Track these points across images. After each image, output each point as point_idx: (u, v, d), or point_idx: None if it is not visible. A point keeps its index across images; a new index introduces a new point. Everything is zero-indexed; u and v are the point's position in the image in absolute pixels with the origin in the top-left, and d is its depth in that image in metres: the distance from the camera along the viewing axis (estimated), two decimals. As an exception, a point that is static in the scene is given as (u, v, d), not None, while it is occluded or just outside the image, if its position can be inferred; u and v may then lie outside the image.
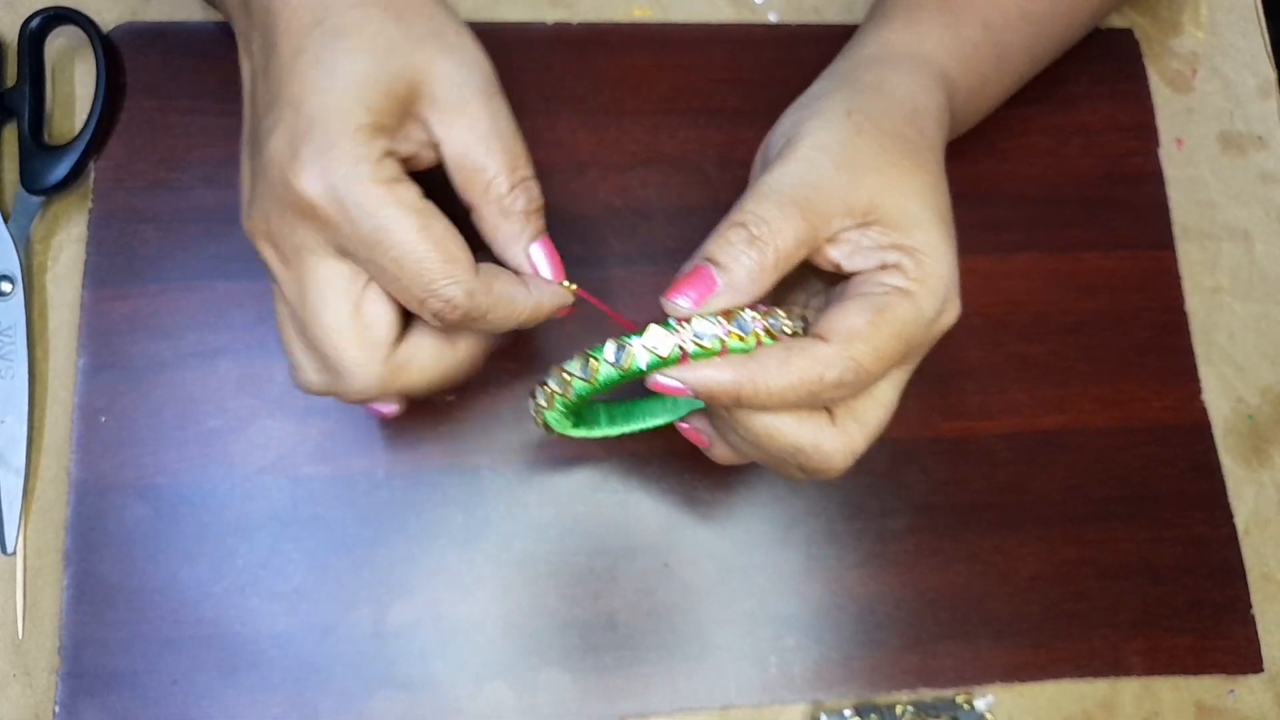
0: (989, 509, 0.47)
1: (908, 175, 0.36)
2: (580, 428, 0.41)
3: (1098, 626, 0.46)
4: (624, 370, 0.33)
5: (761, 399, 0.33)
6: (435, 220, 0.34)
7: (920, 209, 0.35)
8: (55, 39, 0.48)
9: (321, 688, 0.42)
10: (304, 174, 0.33)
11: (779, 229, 0.33)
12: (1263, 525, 0.49)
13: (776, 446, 0.35)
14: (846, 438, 0.35)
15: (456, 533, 0.44)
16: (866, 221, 0.35)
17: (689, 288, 0.33)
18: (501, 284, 0.35)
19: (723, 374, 0.33)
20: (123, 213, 0.46)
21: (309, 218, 0.33)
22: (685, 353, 0.33)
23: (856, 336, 0.33)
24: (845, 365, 0.33)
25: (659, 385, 0.34)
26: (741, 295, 0.33)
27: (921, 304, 0.34)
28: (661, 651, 0.44)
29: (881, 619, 0.45)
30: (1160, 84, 0.54)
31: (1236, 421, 0.50)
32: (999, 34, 0.43)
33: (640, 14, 0.52)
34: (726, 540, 0.45)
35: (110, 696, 0.41)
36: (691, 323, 0.33)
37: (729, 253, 0.33)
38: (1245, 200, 0.53)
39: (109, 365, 0.44)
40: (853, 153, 0.35)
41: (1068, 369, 0.49)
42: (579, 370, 0.34)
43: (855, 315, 0.33)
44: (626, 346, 0.33)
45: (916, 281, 0.34)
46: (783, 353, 0.33)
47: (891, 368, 0.35)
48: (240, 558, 0.43)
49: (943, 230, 0.35)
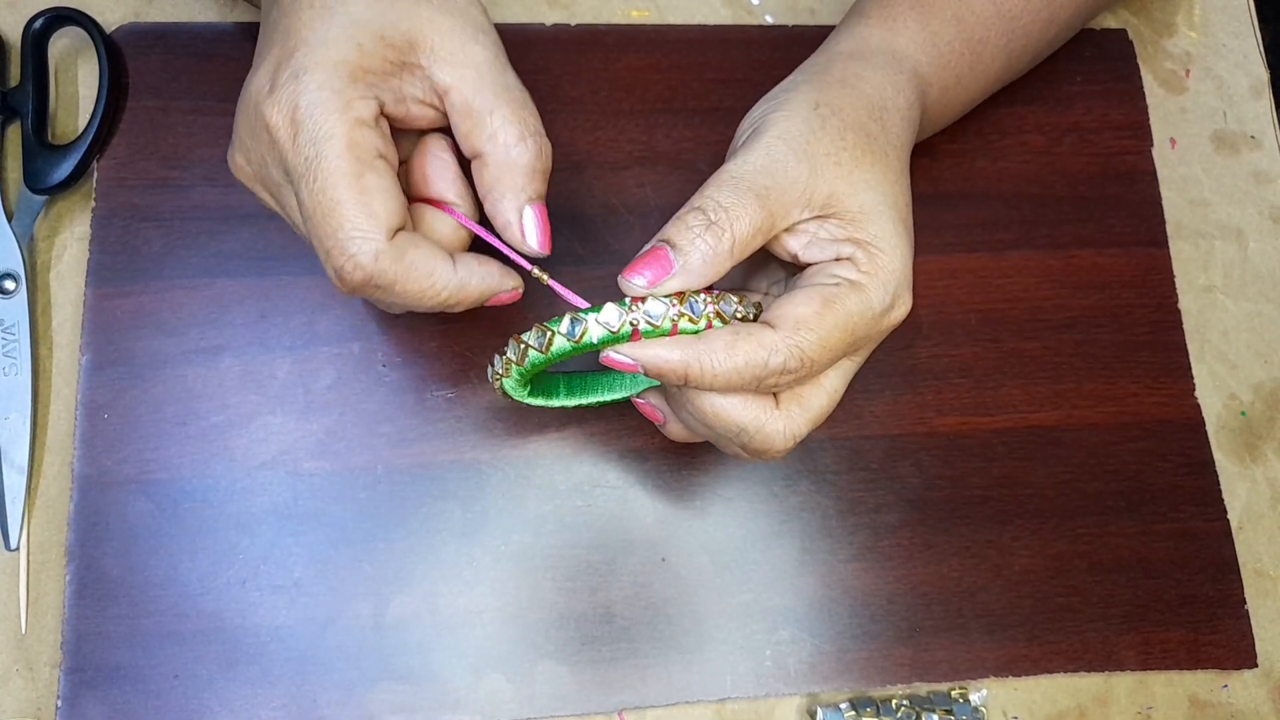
0: (983, 504, 0.47)
1: (867, 170, 0.36)
2: (537, 396, 0.42)
3: (1091, 621, 0.46)
4: (577, 343, 0.34)
5: (708, 380, 0.34)
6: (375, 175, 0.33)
7: (876, 203, 0.36)
8: (58, 39, 0.49)
9: (322, 680, 0.42)
10: (274, 99, 0.33)
11: (736, 216, 0.34)
12: (1256, 521, 0.49)
13: (722, 425, 0.35)
14: (788, 421, 0.35)
15: (455, 527, 0.45)
16: (824, 214, 0.35)
17: (645, 268, 0.34)
18: (419, 254, 0.34)
19: (671, 353, 0.33)
20: (125, 211, 0.47)
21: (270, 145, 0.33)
22: (636, 330, 0.34)
23: (803, 325, 0.34)
24: (790, 352, 0.33)
25: (611, 361, 0.34)
26: (695, 279, 0.34)
27: (870, 297, 0.35)
28: (658, 644, 0.44)
29: (876, 613, 0.45)
30: (1154, 84, 0.55)
31: (1229, 418, 0.50)
32: (973, 31, 0.44)
33: (637, 15, 0.53)
34: (722, 535, 0.46)
35: (112, 690, 0.42)
36: (645, 302, 0.34)
37: (686, 236, 0.34)
38: (1238, 199, 0.53)
39: (112, 362, 0.45)
40: (815, 145, 0.36)
41: (1062, 366, 0.50)
42: (535, 341, 0.35)
43: (803, 304, 0.34)
44: (581, 321, 0.34)
45: (867, 275, 0.35)
46: (730, 336, 0.34)
47: (838, 358, 0.35)
48: (241, 552, 0.44)
49: (897, 225, 0.36)
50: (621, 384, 0.43)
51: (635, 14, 0.53)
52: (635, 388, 0.43)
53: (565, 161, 0.50)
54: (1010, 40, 0.45)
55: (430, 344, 0.46)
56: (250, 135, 0.34)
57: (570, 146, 0.50)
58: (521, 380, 0.38)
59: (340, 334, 0.46)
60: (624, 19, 0.53)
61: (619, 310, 0.34)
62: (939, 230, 0.51)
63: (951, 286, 0.50)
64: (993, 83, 0.47)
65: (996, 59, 0.46)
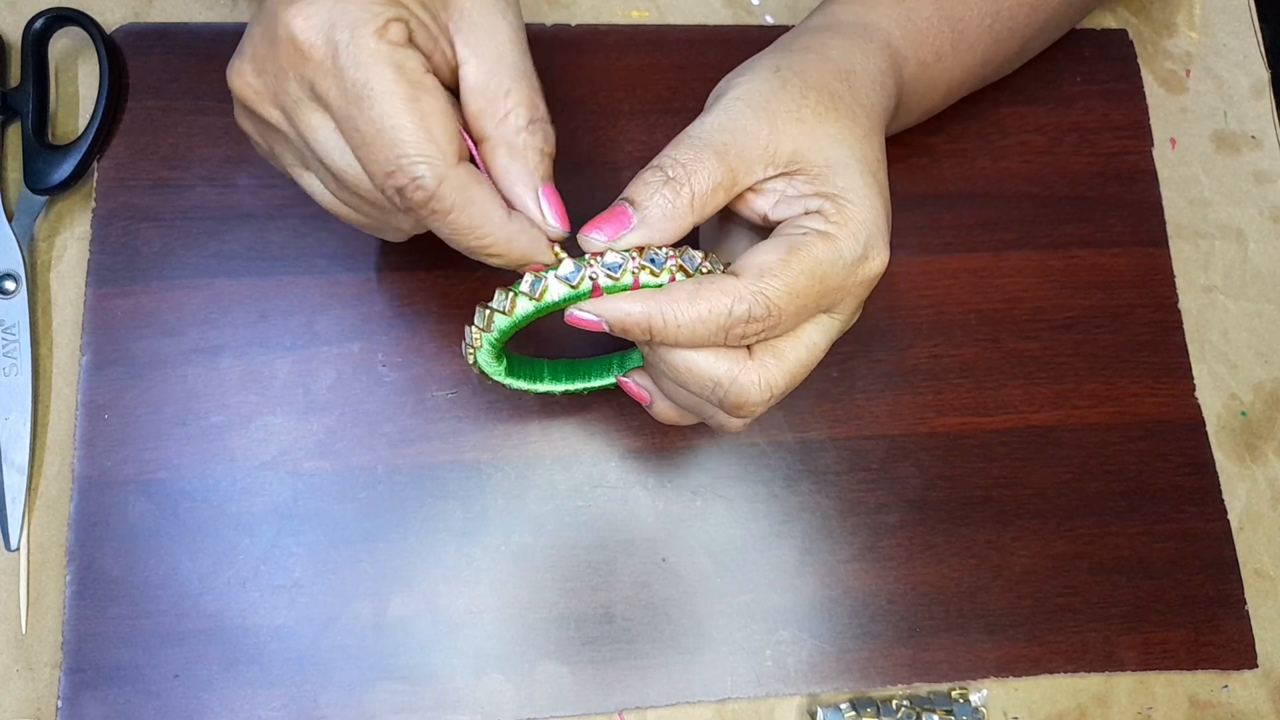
0: (983, 504, 0.47)
1: (831, 125, 0.36)
2: (520, 379, 0.41)
3: (1091, 621, 0.46)
4: (539, 301, 0.34)
5: (672, 332, 0.33)
6: (430, 97, 0.32)
7: (843, 156, 0.35)
8: (58, 40, 0.49)
9: (322, 680, 0.42)
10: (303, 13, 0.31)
11: (695, 171, 0.34)
12: (1256, 521, 0.49)
13: (696, 382, 0.35)
14: (762, 370, 0.35)
15: (455, 527, 0.45)
16: (790, 171, 0.35)
17: (603, 224, 0.34)
18: (480, 191, 0.34)
19: (633, 306, 0.33)
20: (125, 211, 0.47)
21: (297, 62, 0.32)
22: (597, 285, 0.33)
23: (767, 271, 0.33)
24: (754, 299, 0.33)
25: (575, 319, 0.34)
26: (655, 233, 0.34)
27: (840, 246, 0.34)
28: (658, 644, 0.44)
29: (876, 613, 0.45)
30: (1154, 84, 0.55)
31: (1229, 418, 0.50)
32: (953, 9, 0.43)
33: (638, 16, 0.53)
34: (722, 535, 0.46)
35: (112, 690, 0.42)
36: (604, 256, 0.34)
37: (644, 192, 0.34)
38: (1238, 199, 0.53)
39: (112, 362, 0.45)
40: (774, 103, 0.35)
41: (1062, 365, 0.50)
42: (500, 304, 0.35)
43: (768, 252, 0.34)
44: (542, 279, 0.34)
45: (836, 224, 0.34)
46: (692, 286, 0.33)
47: (808, 308, 0.34)
48: (241, 552, 0.44)
49: (866, 177, 0.35)
50: (607, 367, 0.43)
51: (635, 14, 0.53)
52: (620, 370, 0.42)
53: (566, 162, 0.49)
54: (995, 21, 0.45)
55: (430, 344, 0.46)
56: (269, 47, 0.32)
57: (571, 147, 0.50)
58: (494, 351, 0.37)
59: (340, 334, 0.46)
60: (624, 19, 0.53)
61: (577, 265, 0.34)
62: (939, 230, 0.51)
63: (952, 286, 0.50)
64: (979, 64, 0.46)
65: (981, 39, 0.45)
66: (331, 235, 0.47)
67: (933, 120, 0.49)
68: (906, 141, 0.51)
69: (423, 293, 0.47)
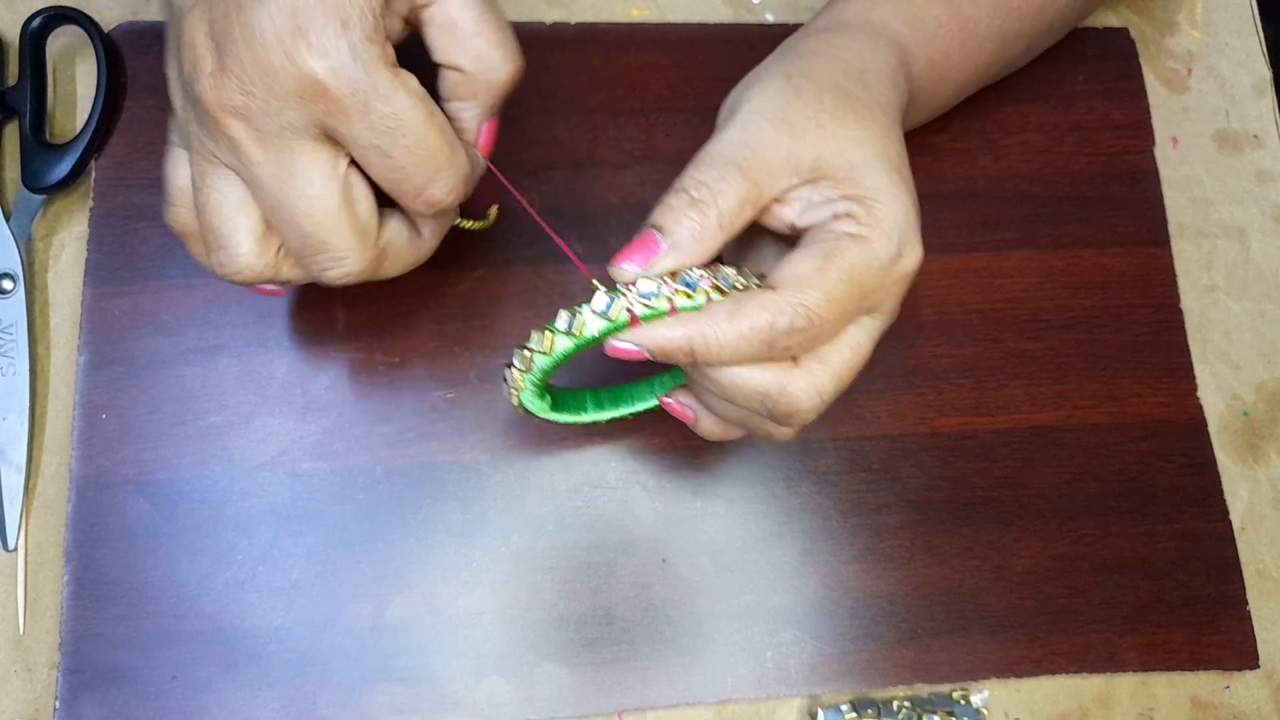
0: (985, 505, 0.47)
1: (851, 127, 0.35)
2: (564, 412, 0.41)
3: (1093, 622, 0.46)
4: (577, 338, 0.34)
5: (714, 352, 0.33)
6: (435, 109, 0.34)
7: (866, 157, 0.35)
8: (56, 38, 0.49)
9: (320, 681, 0.42)
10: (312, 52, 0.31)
11: (719, 190, 0.34)
12: (1258, 522, 0.49)
13: (744, 396, 0.35)
14: (810, 377, 0.34)
15: (455, 528, 0.44)
16: (814, 178, 0.35)
17: (634, 253, 0.34)
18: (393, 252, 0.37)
19: (674, 331, 0.33)
20: (123, 210, 0.46)
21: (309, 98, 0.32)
22: (634, 315, 0.33)
23: (805, 282, 0.33)
24: (795, 311, 0.33)
25: (615, 350, 0.34)
26: (686, 256, 0.34)
27: (875, 246, 0.34)
28: (658, 646, 0.44)
29: (877, 614, 0.45)
30: (1156, 83, 0.55)
31: (1232, 418, 0.50)
32: (961, 7, 0.43)
33: (637, 14, 0.53)
34: (723, 536, 0.45)
35: (110, 691, 0.42)
36: (637, 284, 0.33)
37: (671, 217, 0.34)
38: (1241, 199, 0.53)
39: (110, 362, 0.45)
40: (791, 112, 0.35)
41: (1064, 366, 0.49)
42: (538, 345, 0.35)
43: (803, 262, 0.33)
44: (578, 314, 0.34)
45: (868, 226, 0.34)
46: (732, 305, 0.33)
47: (850, 313, 0.34)
48: (240, 553, 0.43)
49: (892, 175, 0.35)
50: (649, 390, 0.42)
51: (635, 12, 0.53)
52: (662, 390, 0.42)
53: (565, 161, 0.49)
54: (1004, 21, 0.45)
55: (430, 344, 0.46)
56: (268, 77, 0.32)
57: (570, 146, 0.50)
58: (537, 390, 0.38)
59: (340, 334, 0.46)
60: (624, 17, 0.53)
61: (610, 296, 0.33)
62: (940, 230, 0.50)
63: (953, 286, 0.50)
64: (987, 64, 0.46)
65: (990, 39, 0.45)
66: (330, 235, 0.47)
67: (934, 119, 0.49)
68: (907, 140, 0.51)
69: (423, 293, 0.47)
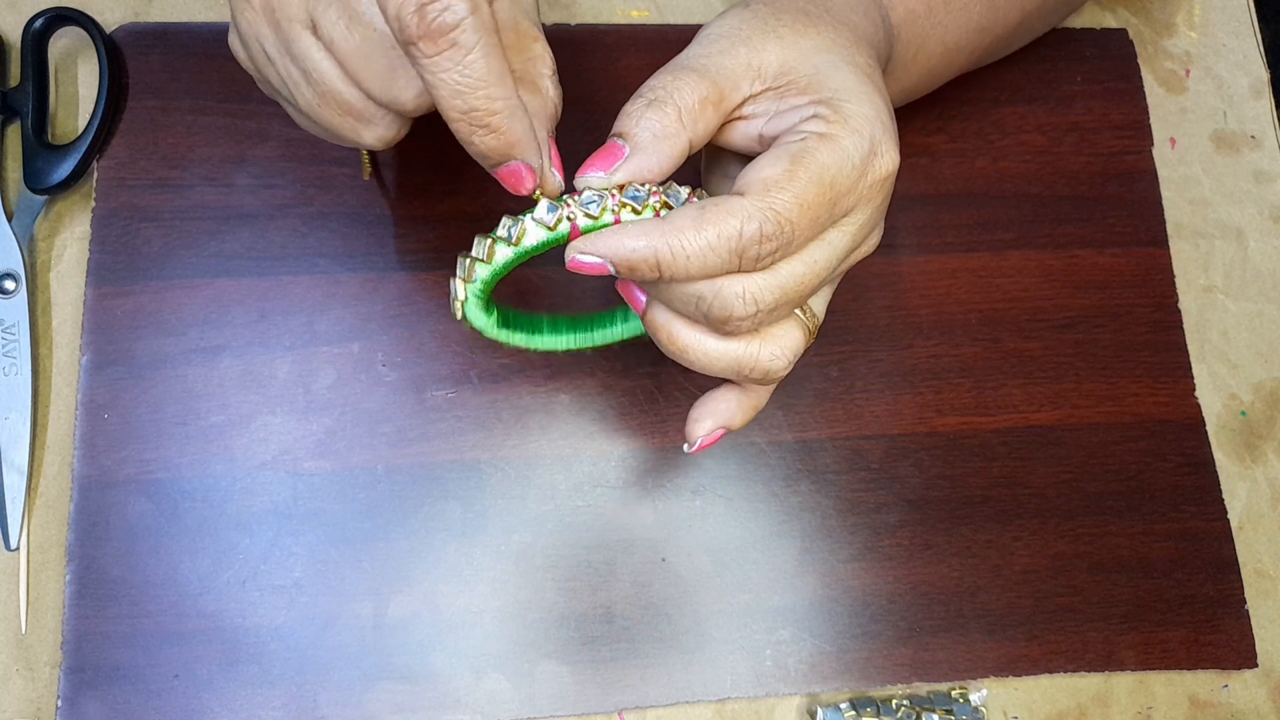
0: (983, 504, 0.47)
1: (813, 38, 0.34)
2: (516, 331, 0.39)
3: (1091, 621, 0.46)
4: (517, 246, 0.32)
5: (681, 265, 0.31)
6: None
7: (831, 60, 0.34)
8: (58, 39, 0.49)
9: (321, 680, 0.42)
10: None
11: (676, 88, 0.32)
12: (1256, 521, 0.49)
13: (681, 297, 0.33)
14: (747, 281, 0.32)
15: (455, 526, 0.45)
16: (778, 84, 0.33)
17: (596, 160, 0.33)
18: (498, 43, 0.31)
19: (637, 240, 0.31)
20: (125, 211, 0.47)
21: None
22: (575, 225, 0.32)
23: (773, 185, 0.31)
24: (765, 216, 0.31)
25: (577, 264, 0.32)
26: (651, 157, 0.32)
27: (845, 145, 0.32)
28: (658, 644, 0.44)
29: (876, 613, 0.45)
30: (1154, 84, 0.55)
31: (1229, 418, 0.50)
32: None
33: (637, 15, 0.53)
34: (722, 535, 0.46)
35: (112, 690, 0.42)
36: (581, 195, 0.32)
37: (629, 121, 0.32)
38: (1238, 199, 0.53)
39: (112, 362, 0.45)
40: (748, 28, 0.34)
41: (1062, 365, 0.50)
42: (480, 252, 0.33)
43: (770, 165, 0.31)
44: (520, 221, 0.32)
45: (836, 124, 0.32)
46: (695, 212, 0.31)
47: (820, 218, 0.32)
48: (241, 552, 0.44)
49: (859, 76, 0.33)
50: (610, 318, 0.40)
51: (635, 14, 0.53)
52: (626, 320, 0.40)
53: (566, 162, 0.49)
54: None
55: (430, 344, 0.46)
56: None
57: (570, 146, 0.49)
58: (481, 302, 0.35)
59: (340, 334, 0.46)
60: (624, 19, 0.53)
61: (552, 205, 0.32)
62: (939, 230, 0.51)
63: (952, 286, 0.50)
64: (975, 28, 0.45)
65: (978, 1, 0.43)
66: (331, 235, 0.47)
67: (932, 120, 0.49)
68: (906, 141, 0.51)
69: (423, 293, 0.47)
